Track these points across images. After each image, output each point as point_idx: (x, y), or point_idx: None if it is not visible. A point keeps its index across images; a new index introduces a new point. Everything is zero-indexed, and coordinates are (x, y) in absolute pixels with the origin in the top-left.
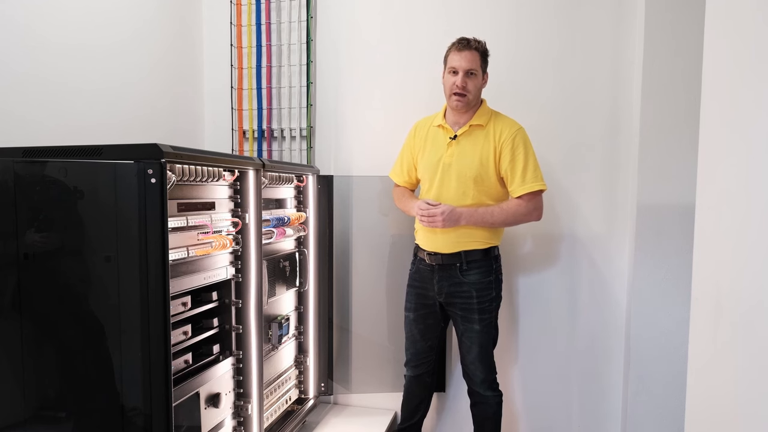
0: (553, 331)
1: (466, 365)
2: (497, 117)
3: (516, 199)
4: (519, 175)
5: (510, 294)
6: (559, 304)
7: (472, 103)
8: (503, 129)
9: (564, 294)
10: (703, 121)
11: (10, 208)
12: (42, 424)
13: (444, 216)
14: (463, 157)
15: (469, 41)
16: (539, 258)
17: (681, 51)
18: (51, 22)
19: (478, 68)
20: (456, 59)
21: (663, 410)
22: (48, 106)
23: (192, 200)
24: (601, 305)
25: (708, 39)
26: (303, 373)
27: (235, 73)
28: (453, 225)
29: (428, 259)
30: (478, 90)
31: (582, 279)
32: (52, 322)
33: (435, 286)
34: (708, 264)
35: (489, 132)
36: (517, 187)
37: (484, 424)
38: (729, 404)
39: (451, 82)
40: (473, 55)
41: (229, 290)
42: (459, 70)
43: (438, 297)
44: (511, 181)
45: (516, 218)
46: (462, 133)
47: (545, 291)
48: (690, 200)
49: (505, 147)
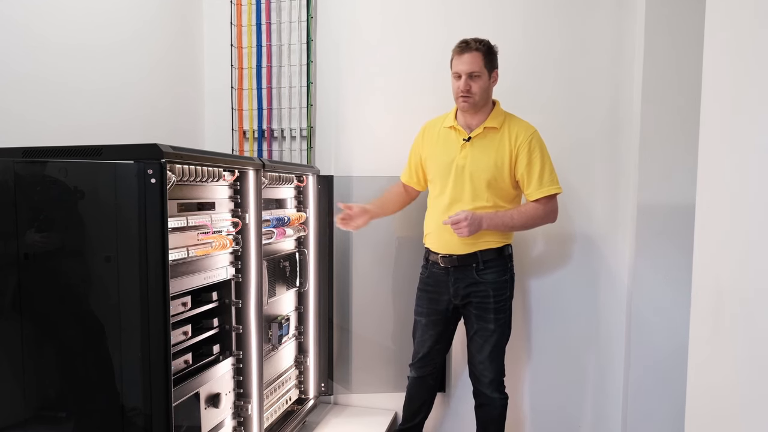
0: (553, 331)
1: (474, 365)
2: (511, 119)
3: (533, 203)
4: (536, 178)
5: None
6: (559, 305)
7: (480, 104)
8: (519, 132)
9: (564, 294)
10: (703, 121)
11: (10, 208)
12: (42, 424)
13: (468, 221)
14: (478, 159)
15: (468, 43)
16: (540, 258)
17: (681, 51)
18: (51, 21)
19: (482, 69)
20: (457, 63)
21: (664, 410)
22: (48, 106)
23: (192, 200)
24: (601, 305)
25: (708, 39)
26: (303, 373)
27: (236, 73)
28: (477, 230)
29: (442, 262)
30: (484, 91)
31: (582, 279)
32: (52, 322)
33: (450, 289)
34: (708, 263)
35: (504, 135)
36: (534, 191)
37: (488, 426)
38: (729, 401)
39: (456, 87)
40: (473, 57)
41: (229, 290)
42: (461, 74)
43: (454, 300)
44: (528, 184)
45: (534, 221)
46: (476, 135)
47: (546, 291)
48: (690, 200)
49: (522, 150)
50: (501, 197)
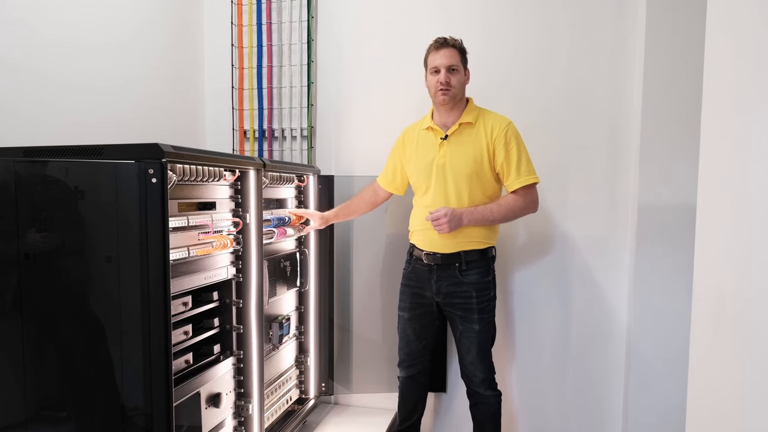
0: (554, 331)
1: (465, 366)
2: (485, 114)
3: (512, 194)
4: (514, 169)
5: (511, 294)
6: (560, 305)
7: (457, 98)
8: (494, 125)
9: (565, 294)
10: (704, 121)
11: (11, 207)
12: (43, 424)
13: (448, 217)
14: (457, 156)
15: (446, 39)
16: (540, 258)
17: (682, 50)
18: (52, 21)
19: (459, 64)
20: (436, 58)
21: (664, 410)
22: (49, 106)
23: (193, 200)
24: (602, 305)
25: (709, 38)
26: (303, 373)
27: (236, 73)
28: (457, 226)
29: (426, 259)
30: (462, 85)
31: (583, 279)
32: (53, 322)
33: (433, 286)
34: (709, 264)
35: (479, 129)
36: (513, 182)
37: (485, 424)
38: (730, 402)
39: (434, 81)
40: (452, 52)
41: (230, 290)
42: (440, 67)
43: (436, 297)
44: (507, 175)
45: (515, 212)
46: (452, 132)
47: (545, 291)
48: (691, 200)
49: (498, 143)
50: (483, 192)
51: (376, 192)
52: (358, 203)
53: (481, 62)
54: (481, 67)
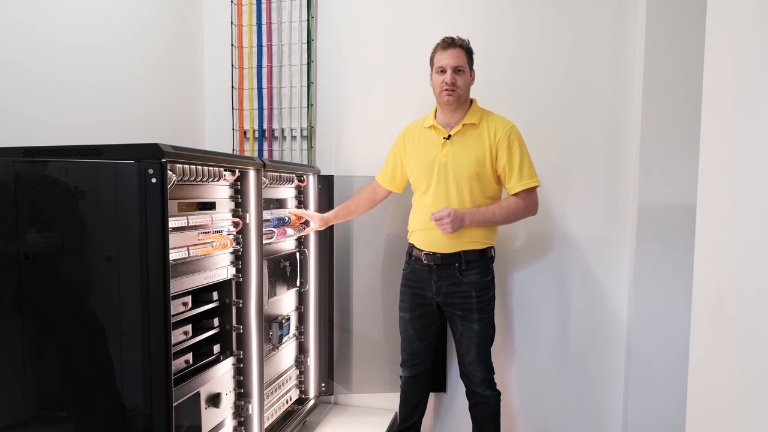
0: (554, 331)
1: (464, 366)
2: (489, 115)
3: (513, 197)
4: (516, 172)
5: (510, 294)
6: (560, 305)
7: (462, 99)
8: (497, 127)
9: (565, 294)
10: (704, 121)
11: (11, 207)
12: (43, 424)
13: (451, 218)
14: (459, 156)
15: (453, 39)
16: (540, 258)
17: (682, 50)
18: (52, 21)
19: (465, 65)
20: (443, 58)
21: (664, 410)
22: (49, 106)
23: (193, 200)
24: (601, 305)
25: (709, 38)
26: (303, 373)
27: (236, 73)
28: (460, 226)
29: (425, 259)
30: (467, 86)
31: (583, 279)
32: (52, 322)
33: (433, 286)
34: (709, 264)
35: (483, 130)
36: (514, 185)
37: (485, 424)
38: (730, 402)
39: (440, 81)
40: (459, 53)
41: (230, 290)
42: (447, 67)
43: (436, 297)
44: (509, 178)
45: (516, 215)
46: (455, 132)
47: (545, 291)
48: (691, 200)
49: (501, 145)
50: (484, 193)
51: (375, 190)
52: (357, 202)
53: (481, 62)
54: (481, 66)
